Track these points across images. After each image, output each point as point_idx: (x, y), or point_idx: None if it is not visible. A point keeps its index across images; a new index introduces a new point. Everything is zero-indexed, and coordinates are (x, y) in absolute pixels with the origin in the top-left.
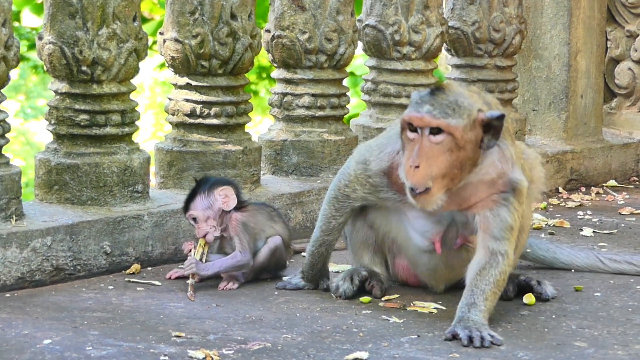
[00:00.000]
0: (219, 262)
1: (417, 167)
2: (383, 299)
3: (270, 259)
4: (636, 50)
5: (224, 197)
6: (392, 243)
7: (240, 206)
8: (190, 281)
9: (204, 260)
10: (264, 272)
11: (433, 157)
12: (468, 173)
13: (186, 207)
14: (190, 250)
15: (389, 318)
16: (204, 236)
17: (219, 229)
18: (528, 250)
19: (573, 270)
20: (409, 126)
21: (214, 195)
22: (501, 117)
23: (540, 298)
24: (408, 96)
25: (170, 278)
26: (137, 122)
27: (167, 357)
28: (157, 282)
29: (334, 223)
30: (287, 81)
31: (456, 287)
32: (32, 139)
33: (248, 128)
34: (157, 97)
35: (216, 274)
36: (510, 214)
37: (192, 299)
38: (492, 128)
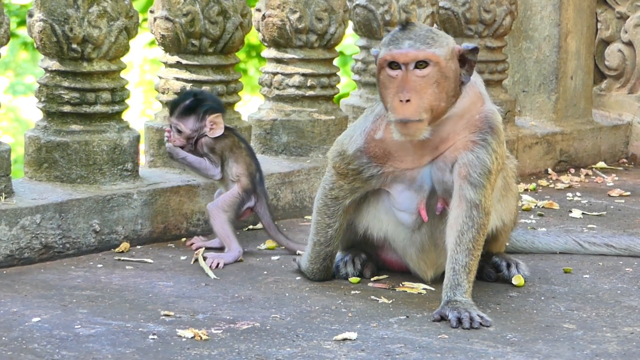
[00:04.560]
0: (189, 157)
1: (408, 100)
2: (372, 279)
3: (224, 224)
4: (626, 32)
5: (212, 124)
6: (378, 239)
7: None
8: (200, 254)
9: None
10: (241, 217)
11: (422, 90)
12: (450, 106)
13: (177, 115)
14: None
15: (377, 298)
16: (173, 143)
17: (189, 146)
18: (507, 244)
19: (559, 252)
20: (390, 64)
21: (206, 121)
22: (476, 50)
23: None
24: None
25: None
26: (127, 101)
27: (155, 336)
28: (148, 260)
29: (331, 232)
30: (278, 60)
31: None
32: (21, 116)
33: (237, 107)
34: (146, 75)
35: (183, 162)
36: (489, 156)
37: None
38: (466, 62)
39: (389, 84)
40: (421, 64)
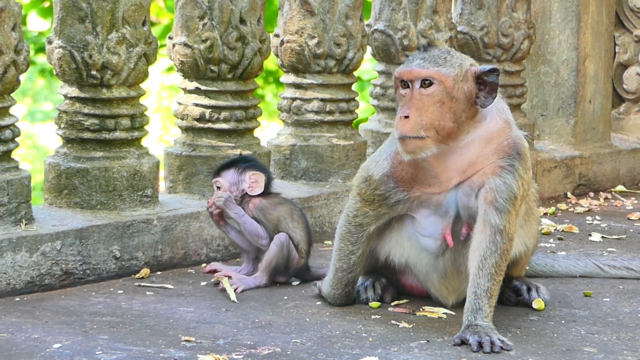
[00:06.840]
0: (246, 216)
1: (406, 117)
2: (393, 304)
3: (279, 257)
4: None
5: (253, 181)
6: (400, 264)
7: (267, 195)
8: (223, 280)
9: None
10: (278, 274)
11: (423, 108)
12: (467, 129)
13: (217, 172)
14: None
15: (398, 323)
16: (213, 200)
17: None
18: (527, 268)
19: (578, 276)
20: (401, 83)
21: (245, 175)
22: (493, 71)
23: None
24: None
25: (207, 272)
26: (146, 127)
27: None
28: (168, 286)
29: (354, 259)
30: (296, 86)
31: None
32: (39, 143)
33: (256, 133)
34: (164, 101)
35: (234, 219)
36: (516, 182)
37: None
38: (487, 85)
39: (399, 101)
40: (425, 82)
